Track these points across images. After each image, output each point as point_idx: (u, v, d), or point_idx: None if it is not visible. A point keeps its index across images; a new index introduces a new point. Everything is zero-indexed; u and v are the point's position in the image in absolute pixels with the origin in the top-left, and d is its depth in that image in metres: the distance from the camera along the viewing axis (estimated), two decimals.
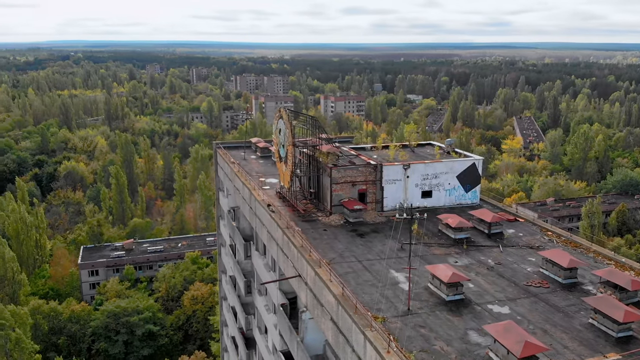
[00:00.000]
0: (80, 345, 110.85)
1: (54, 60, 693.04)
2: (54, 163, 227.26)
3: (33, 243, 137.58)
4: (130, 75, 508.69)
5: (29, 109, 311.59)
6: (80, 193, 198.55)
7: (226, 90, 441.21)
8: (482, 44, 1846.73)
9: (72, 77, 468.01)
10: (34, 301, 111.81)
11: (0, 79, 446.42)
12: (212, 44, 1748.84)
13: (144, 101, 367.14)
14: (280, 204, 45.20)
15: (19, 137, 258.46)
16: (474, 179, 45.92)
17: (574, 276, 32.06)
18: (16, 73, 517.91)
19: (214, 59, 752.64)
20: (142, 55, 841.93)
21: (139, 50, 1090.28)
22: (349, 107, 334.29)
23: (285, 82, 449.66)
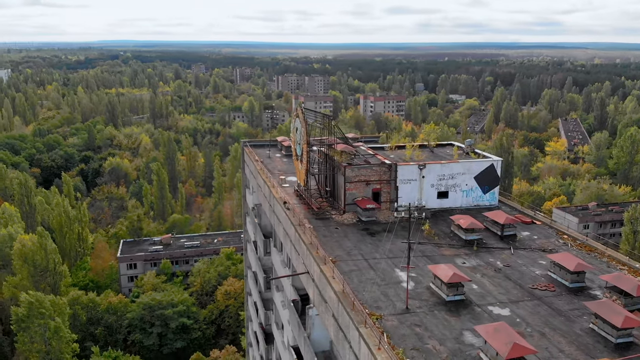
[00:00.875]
0: (116, 336, 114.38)
1: (104, 59, 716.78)
2: (99, 159, 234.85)
3: (75, 236, 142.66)
4: (176, 75, 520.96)
5: (78, 107, 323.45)
6: (124, 189, 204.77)
7: (268, 90, 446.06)
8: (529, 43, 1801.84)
9: (119, 76, 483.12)
10: (74, 292, 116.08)
11: (52, 77, 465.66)
12: (257, 44, 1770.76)
13: (188, 100, 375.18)
14: (297, 202, 45.87)
15: (67, 134, 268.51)
16: (492, 180, 45.36)
17: (582, 280, 31.43)
18: (67, 72, 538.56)
19: (258, 59, 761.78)
20: (189, 55, 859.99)
21: (185, 50, 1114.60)
22: (389, 107, 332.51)
23: (326, 82, 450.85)
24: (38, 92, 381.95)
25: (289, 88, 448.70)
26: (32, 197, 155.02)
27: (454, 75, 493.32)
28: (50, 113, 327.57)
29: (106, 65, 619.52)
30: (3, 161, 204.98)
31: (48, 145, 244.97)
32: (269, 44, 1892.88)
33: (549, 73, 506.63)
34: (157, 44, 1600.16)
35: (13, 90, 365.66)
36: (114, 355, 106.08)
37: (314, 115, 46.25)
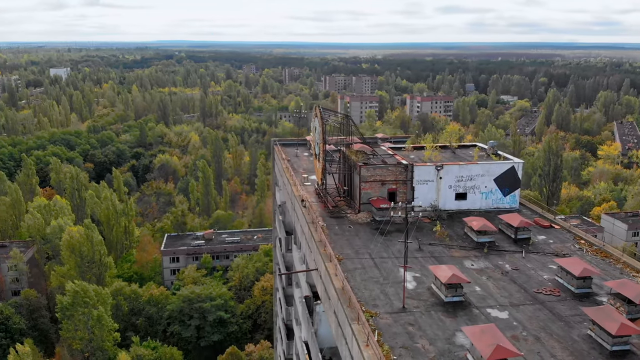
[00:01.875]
0: (156, 327, 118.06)
1: (159, 59, 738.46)
2: (149, 156, 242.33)
3: (122, 229, 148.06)
4: (227, 75, 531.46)
5: (131, 105, 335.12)
6: (172, 185, 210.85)
7: (315, 90, 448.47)
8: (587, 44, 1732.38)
9: (173, 76, 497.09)
10: (117, 283, 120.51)
11: (108, 76, 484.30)
12: (308, 44, 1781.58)
13: (237, 100, 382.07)
14: (315, 200, 46.54)
15: (120, 131, 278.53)
16: (512, 182, 44.62)
17: (588, 286, 30.70)
18: (123, 71, 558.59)
19: (307, 60, 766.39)
20: (241, 56, 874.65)
21: (238, 50, 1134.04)
22: (436, 107, 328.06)
23: (374, 82, 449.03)
24: (95, 90, 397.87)
25: (336, 88, 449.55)
26: (82, 190, 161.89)
27: (506, 76, 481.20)
28: (105, 110, 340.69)
29: (161, 64, 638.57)
30: (58, 156, 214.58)
31: (102, 141, 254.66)
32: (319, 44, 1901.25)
33: (606, 74, 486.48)
34: (211, 44, 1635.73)
35: (71, 88, 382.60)
36: (152, 346, 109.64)
37: (334, 115, 46.80)
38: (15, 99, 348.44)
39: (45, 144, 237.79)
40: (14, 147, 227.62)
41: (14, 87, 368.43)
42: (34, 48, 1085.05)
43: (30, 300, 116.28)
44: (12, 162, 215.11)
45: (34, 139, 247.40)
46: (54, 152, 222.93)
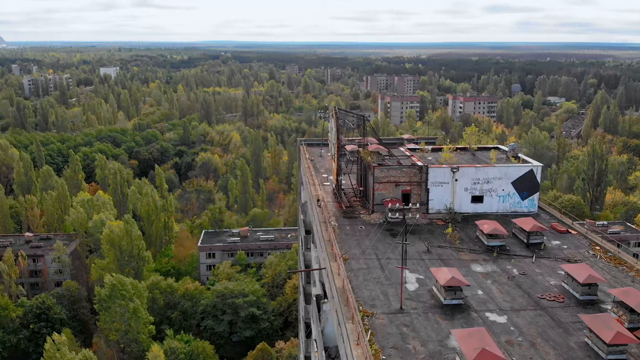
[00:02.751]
0: (190, 321, 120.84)
1: (205, 59, 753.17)
2: (192, 154, 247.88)
3: (162, 225, 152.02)
4: (270, 75, 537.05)
5: (176, 104, 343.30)
6: (212, 182, 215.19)
7: (356, 90, 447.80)
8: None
9: (218, 76, 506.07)
10: (154, 277, 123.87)
11: (155, 75, 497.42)
12: (351, 44, 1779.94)
13: (279, 100, 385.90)
14: (332, 200, 46.97)
15: (165, 129, 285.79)
16: (531, 186, 43.80)
17: (593, 293, 30.00)
18: (170, 70, 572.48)
19: (350, 60, 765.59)
20: (284, 56, 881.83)
21: (282, 51, 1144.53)
22: (479, 108, 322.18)
23: (416, 82, 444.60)
24: (142, 89, 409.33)
25: (378, 88, 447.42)
26: (124, 186, 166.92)
27: (554, 77, 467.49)
28: (151, 109, 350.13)
29: (207, 65, 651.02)
30: (104, 153, 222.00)
31: (146, 139, 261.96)
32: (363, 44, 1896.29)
33: None
34: (256, 44, 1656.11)
35: (120, 86, 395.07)
36: (186, 339, 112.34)
37: (352, 116, 47.10)
38: (66, 97, 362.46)
39: (92, 140, 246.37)
40: (62, 144, 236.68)
41: (65, 86, 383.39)
42: (86, 47, 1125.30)
43: (72, 291, 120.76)
44: (60, 158, 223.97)
45: (82, 135, 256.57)
46: (101, 148, 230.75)
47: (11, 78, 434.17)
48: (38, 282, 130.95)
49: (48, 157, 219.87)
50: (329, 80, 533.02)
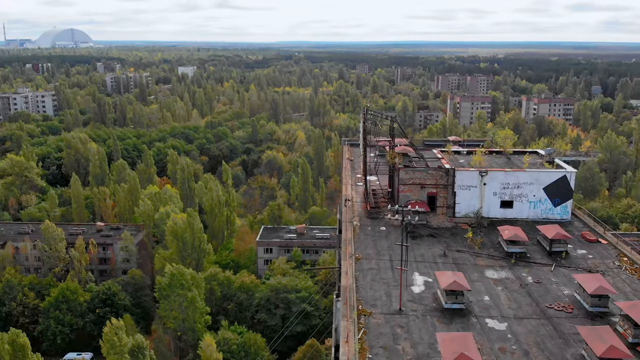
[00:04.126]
0: (245, 313, 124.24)
1: (279, 59, 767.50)
2: (258, 151, 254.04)
3: (224, 219, 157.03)
4: (340, 75, 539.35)
5: (247, 103, 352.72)
6: (275, 179, 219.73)
7: (426, 90, 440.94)
8: None
9: (289, 76, 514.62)
10: (212, 269, 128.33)
11: (230, 75, 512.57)
12: (425, 43, 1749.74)
13: (346, 100, 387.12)
14: (361, 200, 47.44)
15: (235, 127, 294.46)
16: (564, 193, 42.23)
17: (604, 305, 28.80)
18: (245, 70, 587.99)
19: (422, 59, 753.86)
20: (356, 56, 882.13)
21: (354, 50, 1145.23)
22: (554, 110, 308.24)
23: (490, 82, 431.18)
24: (216, 88, 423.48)
25: (449, 88, 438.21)
26: (192, 181, 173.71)
27: (638, 79, 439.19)
28: (223, 108, 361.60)
29: (280, 65, 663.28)
30: (177, 148, 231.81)
31: (217, 136, 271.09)
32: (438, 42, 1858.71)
33: None
34: (329, 44, 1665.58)
35: (195, 85, 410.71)
36: (239, 331, 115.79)
37: (381, 116, 47.36)
38: (145, 95, 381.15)
39: (166, 136, 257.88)
40: (138, 139, 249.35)
41: (144, 84, 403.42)
42: (167, 47, 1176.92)
43: (136, 279, 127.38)
44: (135, 153, 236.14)
45: (157, 132, 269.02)
46: (173, 144, 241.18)
47: (95, 75, 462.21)
48: (106, 270, 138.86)
49: (124, 151, 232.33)
50: (398, 79, 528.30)
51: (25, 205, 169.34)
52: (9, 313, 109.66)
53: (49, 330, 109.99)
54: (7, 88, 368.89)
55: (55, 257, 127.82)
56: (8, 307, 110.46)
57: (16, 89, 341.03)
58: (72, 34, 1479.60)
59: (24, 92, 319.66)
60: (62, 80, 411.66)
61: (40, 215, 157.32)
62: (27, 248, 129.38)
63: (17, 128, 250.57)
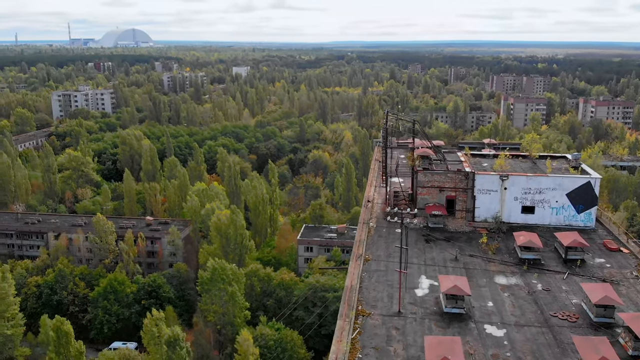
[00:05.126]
0: (283, 310, 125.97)
1: (331, 59, 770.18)
2: (305, 151, 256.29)
3: (267, 217, 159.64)
4: (391, 75, 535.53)
5: (297, 103, 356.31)
6: (320, 179, 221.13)
7: (479, 90, 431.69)
8: None
9: (339, 76, 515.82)
10: (253, 265, 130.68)
11: (282, 75, 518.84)
12: (482, 43, 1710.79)
13: (395, 100, 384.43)
14: (382, 202, 47.59)
15: (283, 127, 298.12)
16: (588, 199, 40.93)
17: (609, 315, 27.93)
18: (297, 70, 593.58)
19: (478, 59, 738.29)
20: (409, 55, 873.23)
21: (408, 50, 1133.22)
22: (613, 114, 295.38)
23: (546, 83, 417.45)
24: (268, 88, 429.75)
25: (504, 88, 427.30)
26: (238, 178, 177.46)
27: None
28: (274, 107, 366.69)
29: (331, 65, 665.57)
30: (227, 147, 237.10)
31: (266, 135, 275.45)
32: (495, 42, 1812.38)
33: None
34: (382, 44, 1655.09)
35: (248, 85, 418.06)
36: (277, 327, 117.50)
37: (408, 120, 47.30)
38: (200, 94, 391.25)
39: (217, 135, 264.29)
40: (190, 137, 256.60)
41: (199, 83, 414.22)
42: (223, 47, 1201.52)
43: (181, 273, 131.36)
44: (187, 150, 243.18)
45: (209, 130, 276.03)
46: (224, 143, 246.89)
47: (153, 75, 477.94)
48: (154, 262, 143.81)
49: (177, 148, 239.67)
50: (451, 79, 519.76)
51: (80, 199, 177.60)
52: (59, 301, 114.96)
53: (97, 319, 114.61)
54: (69, 85, 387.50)
55: (105, 249, 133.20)
56: (59, 295, 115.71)
57: (77, 87, 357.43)
58: (133, 34, 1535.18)
59: (85, 90, 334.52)
60: (122, 79, 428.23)
61: (94, 209, 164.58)
62: (80, 240, 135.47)
63: (76, 124, 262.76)
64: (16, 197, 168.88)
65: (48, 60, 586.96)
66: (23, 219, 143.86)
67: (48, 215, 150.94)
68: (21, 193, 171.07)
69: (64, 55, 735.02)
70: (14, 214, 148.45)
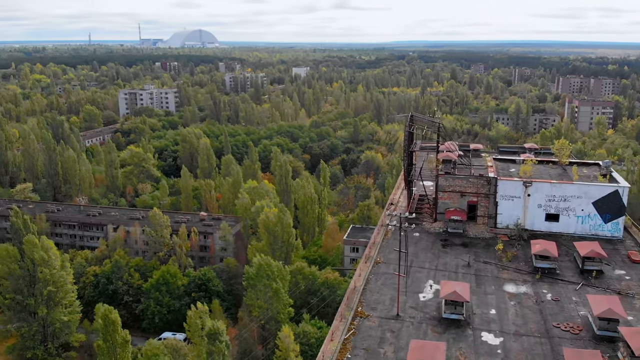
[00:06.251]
0: (327, 309, 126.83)
1: (391, 59, 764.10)
2: (358, 151, 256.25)
3: (315, 216, 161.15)
4: (452, 75, 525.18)
5: (353, 103, 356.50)
6: (372, 180, 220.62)
7: (544, 92, 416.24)
8: None
9: (398, 76, 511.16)
10: (299, 263, 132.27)
11: (340, 75, 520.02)
12: (550, 43, 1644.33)
13: (455, 100, 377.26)
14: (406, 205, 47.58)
15: (337, 127, 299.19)
16: (616, 208, 39.35)
17: (612, 329, 26.98)
18: (355, 71, 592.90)
19: (545, 59, 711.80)
20: (473, 55, 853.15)
21: (472, 50, 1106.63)
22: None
23: (615, 86, 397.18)
24: (325, 89, 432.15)
25: (570, 90, 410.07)
26: (289, 177, 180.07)
27: None
28: (330, 108, 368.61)
29: (391, 65, 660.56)
30: (281, 146, 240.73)
31: (320, 135, 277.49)
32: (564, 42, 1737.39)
33: None
34: (446, 44, 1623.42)
35: (306, 86, 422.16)
36: (319, 325, 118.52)
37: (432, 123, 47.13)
38: (259, 94, 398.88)
39: (272, 134, 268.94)
40: (247, 136, 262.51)
41: (259, 84, 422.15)
42: (285, 48, 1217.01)
43: (230, 268, 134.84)
44: (244, 149, 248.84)
45: (265, 129, 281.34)
46: (278, 142, 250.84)
47: (216, 75, 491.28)
48: (205, 257, 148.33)
49: (234, 147, 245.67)
50: (515, 80, 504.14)
51: (140, 193, 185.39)
52: (115, 291, 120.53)
53: (149, 310, 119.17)
54: (136, 84, 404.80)
55: (160, 242, 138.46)
56: (115, 285, 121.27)
57: (143, 86, 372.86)
58: (200, 34, 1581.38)
59: (150, 89, 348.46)
60: (186, 79, 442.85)
61: (153, 203, 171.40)
62: (137, 232, 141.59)
63: (140, 122, 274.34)
64: (80, 190, 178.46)
65: (118, 59, 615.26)
66: (85, 211, 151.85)
67: (108, 209, 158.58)
68: (85, 186, 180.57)
69: (134, 55, 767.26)
70: (77, 206, 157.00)
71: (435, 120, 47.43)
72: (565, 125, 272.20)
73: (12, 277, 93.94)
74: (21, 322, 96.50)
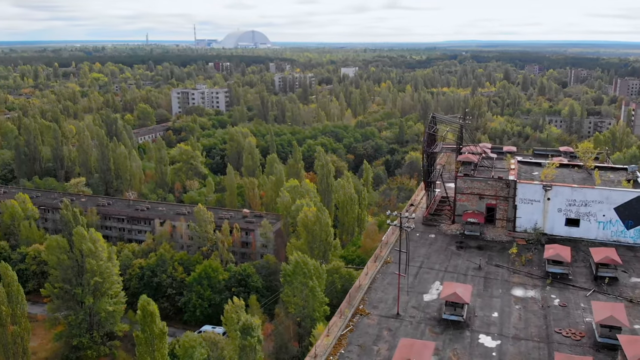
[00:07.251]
0: None
1: (443, 59, 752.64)
2: (402, 152, 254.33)
3: (355, 216, 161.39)
4: (505, 75, 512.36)
5: (399, 103, 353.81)
6: (415, 181, 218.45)
7: (601, 94, 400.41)
8: None
9: (448, 76, 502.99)
10: (336, 262, 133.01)
11: (388, 75, 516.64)
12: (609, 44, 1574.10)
13: (506, 102, 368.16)
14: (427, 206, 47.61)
15: (383, 127, 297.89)
16: (639, 215, 38.13)
17: (614, 336, 26.38)
18: (405, 71, 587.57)
19: (603, 60, 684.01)
20: (528, 56, 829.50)
21: (527, 50, 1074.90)
22: None
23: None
24: (373, 89, 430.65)
25: (628, 93, 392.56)
26: (330, 177, 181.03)
27: None
28: (376, 108, 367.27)
29: (442, 65, 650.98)
30: (325, 146, 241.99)
31: (364, 135, 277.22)
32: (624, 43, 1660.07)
33: None
34: (500, 44, 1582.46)
35: (353, 86, 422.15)
36: None
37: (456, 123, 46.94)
38: (307, 94, 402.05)
39: (317, 134, 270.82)
40: (292, 136, 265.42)
41: (307, 84, 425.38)
42: (336, 48, 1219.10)
43: (269, 264, 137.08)
44: (289, 148, 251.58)
45: (310, 129, 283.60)
46: (323, 142, 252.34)
47: (266, 75, 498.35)
48: (246, 252, 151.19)
49: (279, 146, 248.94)
50: (571, 82, 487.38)
51: (188, 189, 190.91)
52: (159, 283, 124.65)
53: (190, 303, 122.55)
54: (189, 84, 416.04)
55: (204, 237, 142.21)
56: (159, 278, 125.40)
57: (195, 85, 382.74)
58: (252, 35, 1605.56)
59: (201, 89, 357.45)
60: (237, 79, 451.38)
61: (199, 199, 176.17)
62: (182, 227, 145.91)
63: (191, 120, 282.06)
64: (130, 185, 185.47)
65: (173, 59, 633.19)
66: (134, 205, 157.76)
67: (156, 204, 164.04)
68: (135, 182, 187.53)
69: (188, 55, 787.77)
70: (127, 201, 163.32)
71: (454, 121, 47.19)
72: (621, 128, 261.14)
73: (61, 267, 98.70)
74: (69, 310, 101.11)
